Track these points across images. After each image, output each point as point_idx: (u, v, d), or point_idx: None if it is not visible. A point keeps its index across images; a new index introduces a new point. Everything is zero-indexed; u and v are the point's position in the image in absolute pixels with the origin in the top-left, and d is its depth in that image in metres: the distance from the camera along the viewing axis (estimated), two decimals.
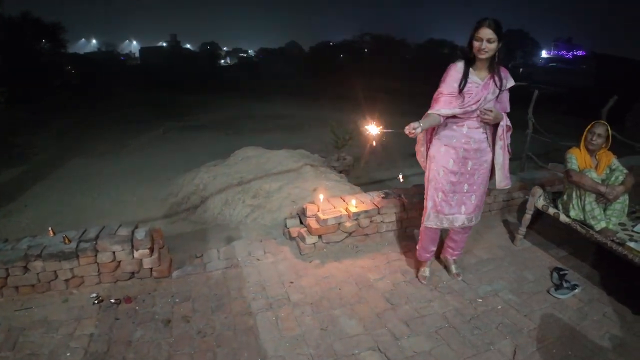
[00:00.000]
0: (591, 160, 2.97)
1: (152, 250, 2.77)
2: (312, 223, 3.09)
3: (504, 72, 2.39)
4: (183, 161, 7.78)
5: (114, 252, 2.71)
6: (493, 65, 2.32)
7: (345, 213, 3.14)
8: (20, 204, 6.47)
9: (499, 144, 2.48)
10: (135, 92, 21.88)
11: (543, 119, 7.12)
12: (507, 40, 2.40)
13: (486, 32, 2.19)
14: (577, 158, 2.97)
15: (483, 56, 2.24)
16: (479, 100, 2.34)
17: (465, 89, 2.32)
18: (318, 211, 3.13)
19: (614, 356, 2.19)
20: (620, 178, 2.85)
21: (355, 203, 3.25)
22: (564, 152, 3.12)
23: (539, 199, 3.24)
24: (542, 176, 4.31)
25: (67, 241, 2.72)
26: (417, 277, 2.89)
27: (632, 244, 2.61)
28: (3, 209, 6.15)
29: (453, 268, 2.93)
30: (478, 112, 2.37)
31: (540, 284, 2.84)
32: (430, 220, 2.63)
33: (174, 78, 28.57)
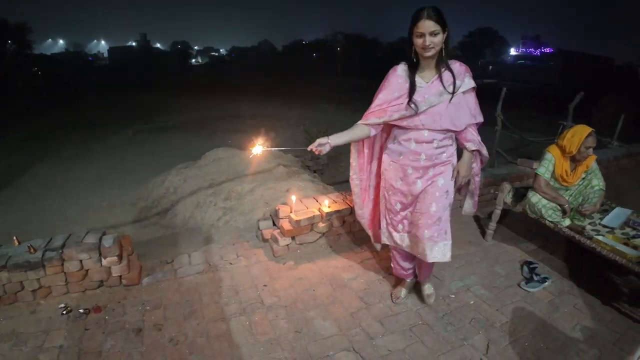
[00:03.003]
0: (568, 166, 2.93)
1: (120, 257, 2.68)
2: (285, 224, 3.07)
3: (461, 69, 2.01)
4: (153, 164, 7.59)
5: (81, 261, 2.61)
6: (440, 62, 1.97)
7: (318, 213, 3.14)
8: None
9: (474, 172, 2.31)
10: (103, 93, 21.23)
11: (511, 115, 7.31)
12: (481, 36, 2.06)
13: (427, 25, 1.83)
14: (555, 162, 2.91)
15: (429, 53, 1.89)
16: (422, 100, 1.98)
17: (413, 98, 1.99)
18: (291, 212, 3.11)
19: (586, 347, 2.24)
20: (597, 191, 2.86)
21: (328, 203, 3.25)
22: (531, 148, 3.20)
23: (507, 195, 3.32)
24: (511, 172, 4.43)
25: (32, 251, 2.62)
26: (391, 294, 2.66)
27: (600, 238, 2.66)
28: None
29: (424, 288, 2.64)
30: (421, 121, 2.01)
31: (511, 278, 2.90)
32: (385, 238, 2.43)
33: (143, 78, 27.90)
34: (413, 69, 2.02)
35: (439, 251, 2.14)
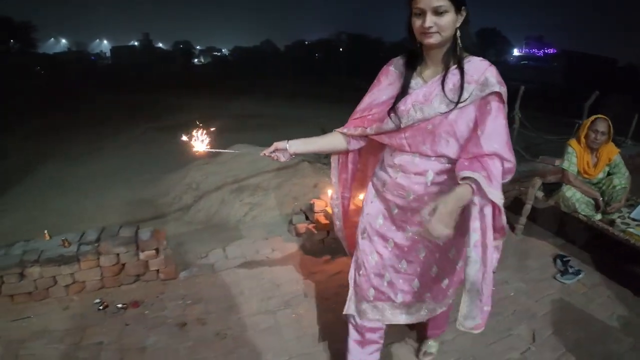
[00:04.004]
0: (590, 158, 3.02)
1: (157, 251, 2.65)
2: (321, 218, 3.05)
3: (479, 68, 1.31)
4: (164, 162, 7.56)
5: (117, 255, 2.58)
6: (450, 57, 1.33)
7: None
8: None
9: (474, 242, 1.28)
10: (107, 93, 21.21)
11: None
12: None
13: None
14: (576, 155, 3.01)
15: (430, 40, 1.28)
16: (407, 110, 1.37)
17: (397, 107, 1.40)
18: (326, 206, 3.08)
19: (622, 335, 2.28)
20: (619, 190, 2.92)
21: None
22: (543, 147, 3.22)
23: (538, 190, 3.32)
24: (534, 169, 4.41)
25: (66, 244, 2.58)
26: None
27: (632, 230, 2.71)
28: None
29: (427, 345, 2.09)
30: (406, 139, 1.41)
31: (544, 271, 2.92)
32: (349, 308, 1.72)
33: (146, 78, 27.91)
34: (413, 62, 1.42)
35: (433, 308, 1.71)
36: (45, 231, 2.78)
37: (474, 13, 1.36)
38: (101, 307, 2.44)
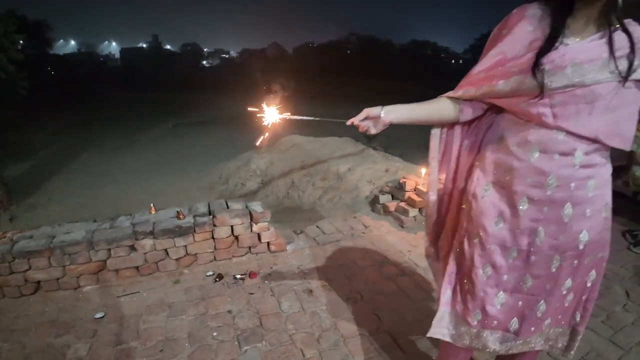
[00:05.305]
0: None
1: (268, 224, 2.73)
2: (414, 196, 3.14)
3: None
4: (207, 153, 7.71)
5: (232, 227, 2.64)
6: (611, 14, 1.03)
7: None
8: (41, 197, 6.26)
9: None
10: (123, 91, 21.38)
11: None
12: None
13: None
14: None
15: None
16: (563, 67, 1.03)
17: (547, 59, 1.04)
18: (417, 185, 3.17)
19: None
20: None
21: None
22: None
23: None
24: None
25: (181, 216, 2.63)
26: None
27: None
28: (24, 203, 5.94)
29: None
30: (554, 110, 1.07)
31: (619, 244, 3.05)
32: (440, 327, 1.35)
33: (159, 78, 28.12)
34: (559, 11, 1.06)
35: (562, 341, 1.35)
36: (152, 204, 2.85)
37: (481, 16, 1.29)
38: (216, 279, 2.46)
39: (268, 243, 2.75)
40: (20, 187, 6.52)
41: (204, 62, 51.84)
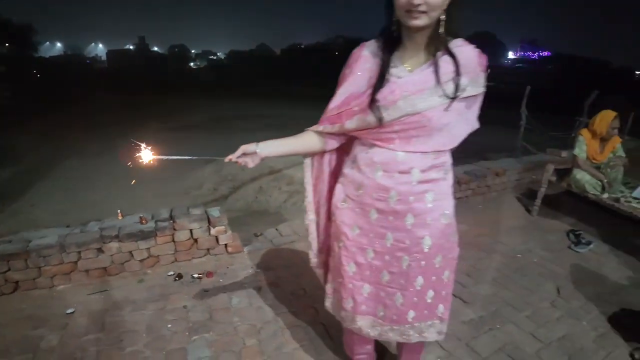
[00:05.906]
0: (598, 146, 3.52)
1: (226, 227, 2.98)
2: None
3: (471, 57, 1.21)
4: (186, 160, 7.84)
5: (191, 230, 2.89)
6: (437, 42, 1.18)
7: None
8: (25, 203, 6.40)
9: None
10: (107, 94, 21.39)
11: (509, 115, 7.74)
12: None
13: None
14: (587, 142, 3.51)
15: (418, 22, 1.12)
16: (394, 101, 1.21)
17: (380, 95, 1.23)
18: None
19: (634, 290, 2.70)
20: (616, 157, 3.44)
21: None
22: (549, 142, 3.72)
23: (552, 174, 3.78)
24: (543, 159, 4.87)
25: (144, 221, 2.87)
26: None
27: (635, 205, 3.19)
28: (8, 209, 6.08)
29: None
30: (396, 135, 1.26)
31: (561, 243, 3.34)
32: (329, 307, 1.71)
33: (145, 80, 28.09)
34: (389, 47, 1.25)
35: (433, 330, 1.51)
36: (119, 210, 3.08)
37: (469, 17, 1.42)
38: (176, 279, 2.73)
39: (226, 245, 3.00)
40: (5, 193, 6.65)
41: (192, 63, 51.78)
